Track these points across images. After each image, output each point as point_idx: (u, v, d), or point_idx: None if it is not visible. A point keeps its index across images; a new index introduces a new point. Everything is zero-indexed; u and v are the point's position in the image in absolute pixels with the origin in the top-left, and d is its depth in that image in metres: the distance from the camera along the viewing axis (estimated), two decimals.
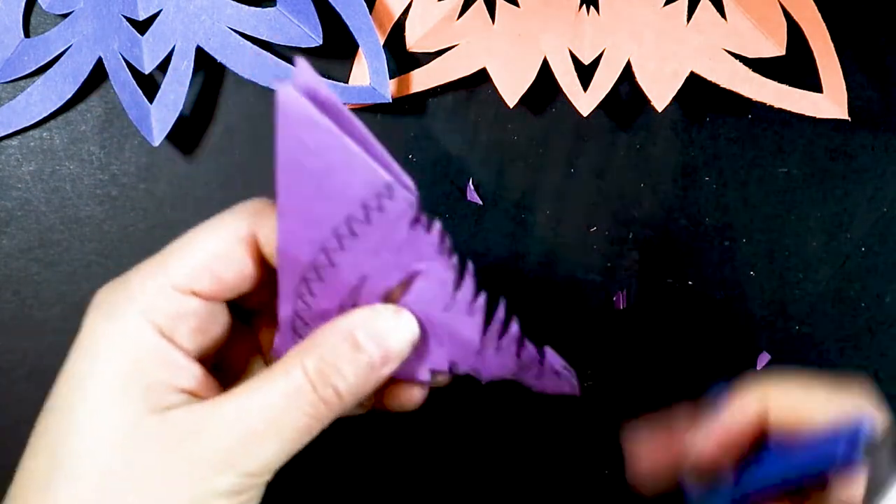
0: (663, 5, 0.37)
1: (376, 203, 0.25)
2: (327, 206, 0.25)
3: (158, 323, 0.26)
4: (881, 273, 0.39)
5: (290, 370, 0.25)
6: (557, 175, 0.39)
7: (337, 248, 0.25)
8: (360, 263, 0.26)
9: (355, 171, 0.24)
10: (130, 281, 0.27)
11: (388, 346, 0.26)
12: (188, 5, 0.37)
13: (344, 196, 0.25)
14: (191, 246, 0.27)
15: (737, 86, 0.37)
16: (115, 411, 0.25)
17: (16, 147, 0.39)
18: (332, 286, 0.26)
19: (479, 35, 0.37)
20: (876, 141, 0.39)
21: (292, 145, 0.24)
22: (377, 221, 0.25)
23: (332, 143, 0.24)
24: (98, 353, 0.26)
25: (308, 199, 0.25)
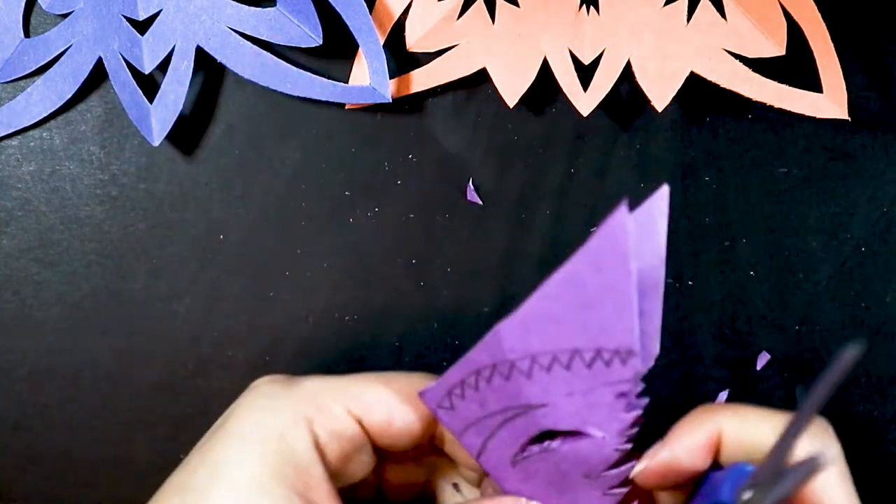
0: (663, 5, 0.37)
1: (608, 357, 0.25)
2: (568, 330, 0.25)
3: (317, 434, 0.26)
4: (881, 273, 0.39)
5: None
6: (557, 175, 0.39)
7: (544, 367, 0.25)
8: (550, 391, 0.26)
9: (615, 322, 0.24)
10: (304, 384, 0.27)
11: None
12: (188, 5, 0.37)
13: (587, 332, 0.24)
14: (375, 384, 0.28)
15: (737, 86, 0.37)
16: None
17: (16, 147, 0.39)
18: (511, 390, 0.26)
19: (479, 35, 0.37)
20: (876, 141, 0.39)
21: (589, 262, 0.23)
22: (596, 372, 0.25)
23: (622, 289, 0.24)
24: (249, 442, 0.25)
25: (557, 313, 0.24)
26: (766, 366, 0.39)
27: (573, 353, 0.25)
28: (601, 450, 0.27)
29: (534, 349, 0.25)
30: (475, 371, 0.26)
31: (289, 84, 0.37)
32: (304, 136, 0.39)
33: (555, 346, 0.25)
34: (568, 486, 0.27)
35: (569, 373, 0.25)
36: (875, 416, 0.39)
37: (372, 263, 0.39)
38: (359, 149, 0.39)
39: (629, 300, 0.24)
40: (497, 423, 0.27)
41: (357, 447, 0.27)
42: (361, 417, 0.27)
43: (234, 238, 0.39)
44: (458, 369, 0.26)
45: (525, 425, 0.27)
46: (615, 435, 0.26)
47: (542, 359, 0.25)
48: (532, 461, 0.27)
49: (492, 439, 0.27)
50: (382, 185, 0.39)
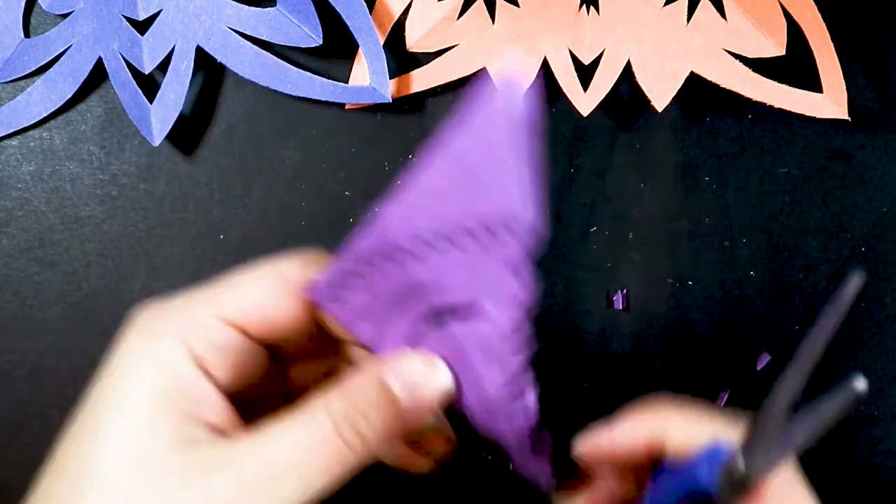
0: (663, 5, 0.37)
1: (496, 230, 0.24)
2: (454, 204, 0.24)
3: (197, 352, 0.25)
4: (881, 273, 0.39)
5: (316, 413, 0.25)
6: (557, 175, 0.39)
7: (433, 246, 0.25)
8: (440, 269, 0.25)
9: (502, 192, 0.24)
10: (176, 305, 0.26)
11: (420, 398, 0.26)
12: (188, 5, 0.37)
13: (475, 206, 0.24)
14: (245, 283, 0.27)
15: (737, 86, 0.37)
16: (140, 440, 0.24)
17: (16, 147, 0.39)
18: (401, 274, 0.25)
19: (479, 35, 0.37)
20: (876, 141, 0.39)
21: (471, 133, 0.23)
22: (485, 246, 0.25)
23: (504, 155, 0.23)
24: (131, 375, 0.25)
25: (443, 188, 0.24)
26: (766, 366, 0.39)
27: (461, 229, 0.24)
28: (495, 321, 0.26)
29: (421, 230, 0.25)
30: (361, 259, 0.25)
31: (289, 84, 0.37)
32: (304, 136, 0.39)
33: (442, 225, 0.24)
34: (466, 364, 0.27)
35: (458, 249, 0.25)
36: (875, 416, 0.39)
37: None
38: (359, 149, 0.39)
39: (513, 169, 0.24)
40: (389, 309, 0.26)
41: (243, 354, 0.27)
42: (237, 322, 0.26)
43: (234, 238, 0.39)
44: (343, 260, 0.26)
45: (418, 306, 0.26)
46: (507, 305, 0.26)
47: (430, 239, 0.25)
48: (428, 343, 0.27)
49: (385, 326, 0.26)
50: (382, 185, 0.39)
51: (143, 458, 0.24)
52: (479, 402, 0.27)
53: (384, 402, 0.25)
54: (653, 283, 0.39)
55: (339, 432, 0.25)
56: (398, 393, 0.25)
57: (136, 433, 0.24)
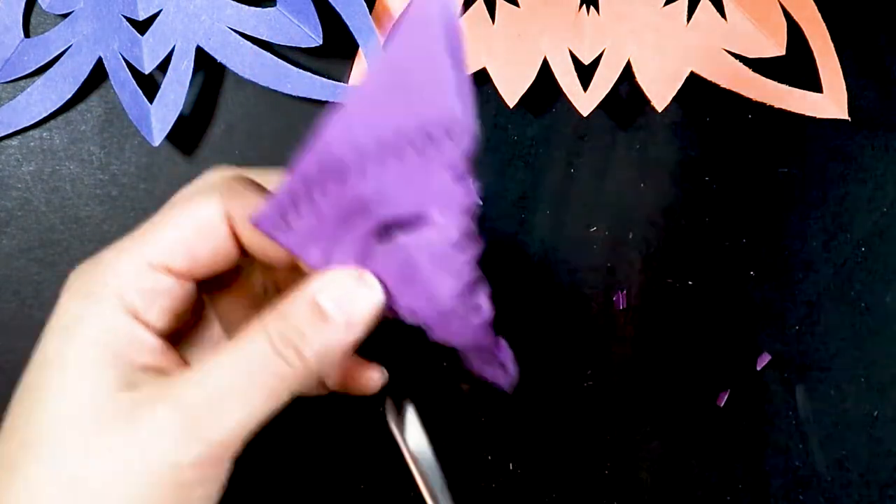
0: (663, 5, 0.37)
1: (438, 136, 0.24)
2: (394, 113, 0.24)
3: (132, 303, 0.26)
4: (881, 273, 0.39)
5: (254, 336, 0.25)
6: (557, 175, 0.39)
7: (377, 161, 0.25)
8: (384, 181, 0.25)
9: (440, 97, 0.24)
10: (104, 260, 0.27)
11: (352, 313, 0.26)
12: (188, 5, 0.37)
13: (414, 113, 0.24)
14: (166, 224, 0.27)
15: (737, 86, 0.37)
16: (84, 390, 0.25)
17: (16, 147, 0.39)
18: (347, 192, 0.25)
19: (479, 35, 0.37)
20: (876, 141, 0.39)
21: (405, 41, 0.23)
22: (428, 155, 0.25)
23: (440, 60, 0.23)
24: (70, 334, 0.26)
25: (382, 99, 0.24)
26: (767, 366, 0.39)
27: (402, 139, 0.24)
28: (445, 232, 0.26)
29: (363, 144, 0.24)
30: (306, 182, 0.25)
31: (289, 84, 0.37)
32: (304, 136, 0.39)
33: (382, 134, 0.24)
34: (418, 279, 0.27)
35: (399, 159, 0.25)
36: (875, 416, 0.39)
37: None
38: None
39: (448, 72, 0.23)
40: (337, 229, 0.26)
41: (173, 294, 0.27)
42: (164, 264, 0.27)
43: None
44: (287, 186, 0.26)
45: (365, 224, 0.26)
46: (455, 214, 0.26)
47: (372, 152, 0.25)
48: (378, 261, 0.27)
49: (335, 246, 0.27)
50: None
51: (86, 405, 0.25)
52: (433, 310, 0.28)
53: (318, 319, 0.26)
54: (653, 283, 0.39)
55: (278, 351, 0.25)
56: (329, 310, 0.26)
57: (78, 385, 0.25)
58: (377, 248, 0.27)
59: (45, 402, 0.25)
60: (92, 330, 0.26)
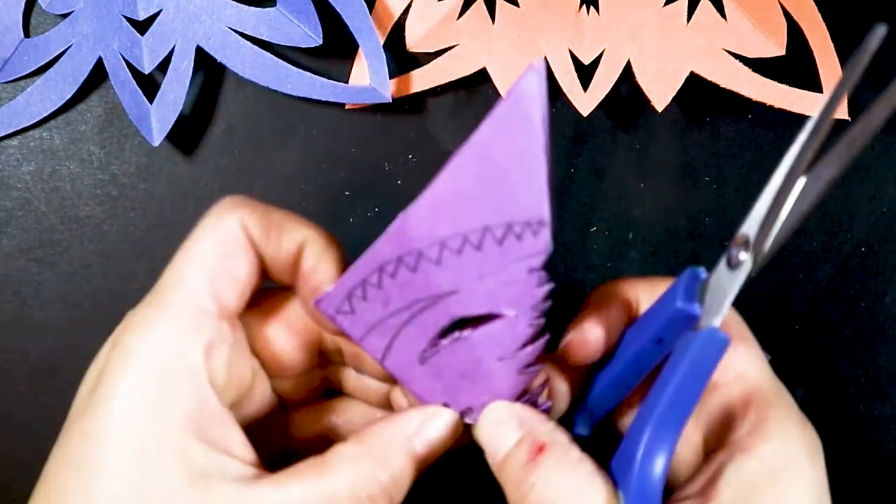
0: (663, 5, 0.37)
1: (520, 231, 0.24)
2: (476, 204, 0.24)
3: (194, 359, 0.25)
4: (881, 273, 0.39)
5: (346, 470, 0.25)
6: (557, 175, 0.39)
7: (454, 250, 0.24)
8: (461, 276, 0.25)
9: (526, 193, 0.23)
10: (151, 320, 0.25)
11: (439, 448, 0.26)
12: (188, 5, 0.37)
13: (497, 207, 0.24)
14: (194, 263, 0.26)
15: (737, 86, 0.37)
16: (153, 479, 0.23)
17: (16, 147, 0.39)
18: (419, 282, 0.25)
19: (479, 35, 0.37)
20: (876, 141, 0.39)
21: (497, 133, 0.23)
22: (507, 248, 0.24)
23: (536, 157, 0.23)
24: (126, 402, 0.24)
25: (464, 187, 0.23)
26: None
27: (484, 230, 0.24)
28: (515, 328, 0.26)
29: (442, 233, 0.24)
30: (378, 268, 0.25)
31: (289, 84, 0.37)
32: (304, 136, 0.39)
33: (464, 227, 0.24)
34: (481, 375, 0.26)
35: (480, 253, 0.24)
36: (875, 416, 0.39)
37: None
38: (359, 149, 0.39)
39: (540, 168, 0.23)
40: (403, 320, 0.26)
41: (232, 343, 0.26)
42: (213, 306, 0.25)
43: None
44: (358, 269, 0.25)
45: (434, 317, 0.25)
46: (528, 311, 0.26)
47: (451, 242, 0.24)
48: (442, 355, 0.26)
49: (397, 338, 0.26)
50: (382, 185, 0.39)
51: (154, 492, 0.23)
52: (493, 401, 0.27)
53: (413, 466, 0.26)
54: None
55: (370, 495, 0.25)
56: (425, 456, 0.26)
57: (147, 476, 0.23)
58: (443, 341, 0.26)
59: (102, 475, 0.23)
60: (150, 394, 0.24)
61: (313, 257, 0.26)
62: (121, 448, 0.23)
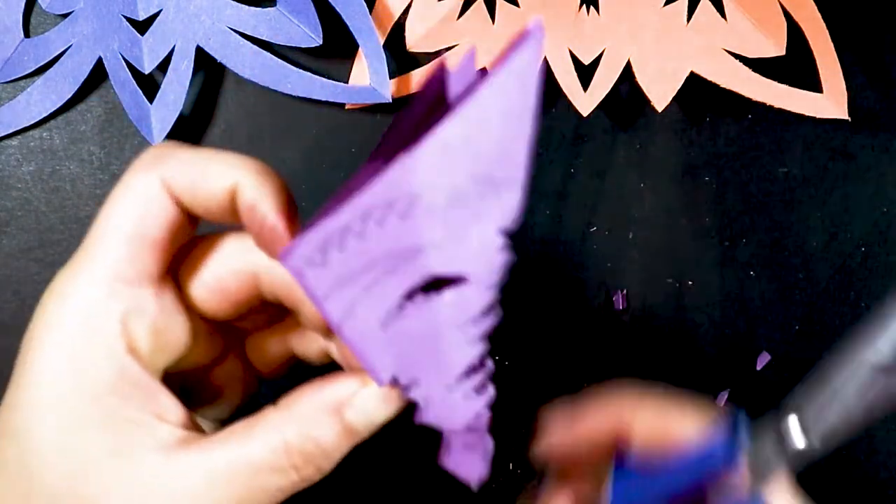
0: (663, 5, 0.37)
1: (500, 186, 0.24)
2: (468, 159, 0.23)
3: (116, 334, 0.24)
4: (881, 273, 0.39)
5: (270, 438, 0.24)
6: (557, 175, 0.39)
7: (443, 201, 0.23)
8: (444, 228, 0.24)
9: (516, 150, 0.24)
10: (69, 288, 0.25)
11: (375, 420, 0.25)
12: (188, 5, 0.37)
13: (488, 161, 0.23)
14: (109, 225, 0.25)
15: (737, 86, 0.37)
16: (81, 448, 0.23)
17: (16, 147, 0.39)
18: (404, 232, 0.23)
19: (479, 35, 0.37)
20: (876, 141, 0.39)
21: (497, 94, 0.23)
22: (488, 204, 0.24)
23: (527, 116, 0.23)
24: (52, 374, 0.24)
25: (465, 144, 0.23)
26: (766, 366, 0.39)
27: (475, 181, 0.23)
28: (478, 294, 0.25)
29: (441, 179, 0.23)
30: (364, 214, 0.23)
31: (289, 84, 0.37)
32: (304, 136, 0.39)
33: (455, 177, 0.23)
34: (436, 348, 0.26)
35: (466, 205, 0.24)
36: None
37: None
38: (359, 149, 0.39)
39: (528, 128, 0.23)
40: (374, 277, 0.24)
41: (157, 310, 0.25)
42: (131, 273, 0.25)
43: None
44: (343, 213, 0.23)
45: (409, 274, 0.24)
46: (488, 277, 0.25)
47: (442, 190, 0.23)
48: (406, 320, 0.25)
49: (366, 296, 0.25)
50: None
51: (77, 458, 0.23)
52: (439, 382, 0.27)
53: (343, 436, 0.25)
54: (653, 283, 0.39)
55: (294, 464, 0.24)
56: (358, 427, 0.25)
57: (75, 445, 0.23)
58: (408, 304, 0.25)
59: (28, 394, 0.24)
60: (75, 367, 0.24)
61: (249, 196, 0.25)
62: (44, 419, 0.24)
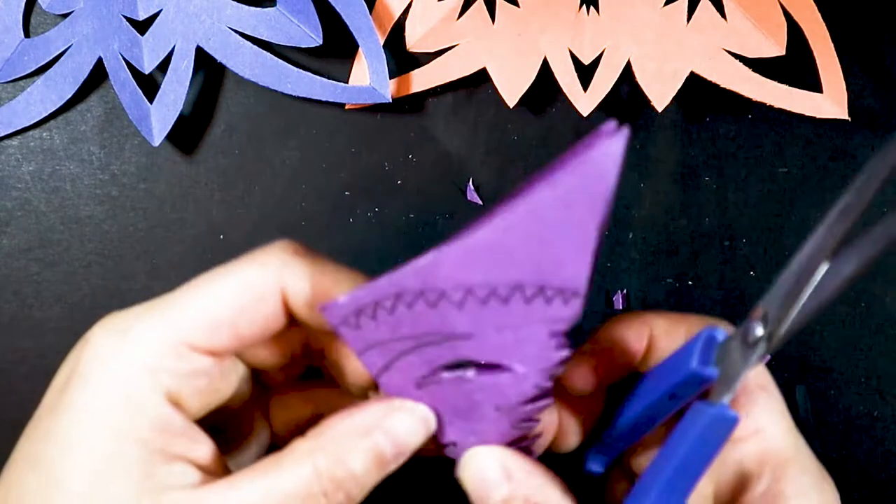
0: (663, 5, 0.37)
1: (551, 295, 0.23)
2: (515, 263, 0.23)
3: (166, 384, 0.24)
4: (881, 273, 0.39)
5: (298, 467, 0.24)
6: None
7: (479, 299, 0.24)
8: (479, 324, 0.24)
9: (569, 262, 0.23)
10: (134, 330, 0.24)
11: (402, 443, 0.25)
12: (188, 5, 0.37)
13: (536, 269, 0.23)
14: (209, 296, 0.25)
15: (737, 86, 0.37)
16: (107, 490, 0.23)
17: (16, 147, 0.39)
18: (434, 319, 0.24)
19: (479, 35, 0.37)
20: (876, 141, 0.39)
21: (556, 191, 0.22)
22: (534, 308, 0.24)
23: (589, 229, 0.22)
24: (96, 416, 0.23)
25: (508, 245, 0.23)
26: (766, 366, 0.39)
27: (514, 286, 0.23)
28: (521, 385, 0.25)
29: (472, 280, 0.23)
30: (395, 295, 0.24)
31: (289, 84, 0.37)
32: (304, 136, 0.39)
33: (496, 279, 0.23)
34: (474, 416, 0.26)
35: (505, 307, 0.24)
36: (875, 416, 0.39)
37: (372, 263, 0.39)
38: (359, 149, 0.39)
39: (591, 241, 0.23)
40: (407, 347, 0.25)
41: (216, 375, 0.25)
42: (207, 346, 0.24)
43: (234, 238, 0.39)
44: (374, 289, 0.24)
45: (441, 353, 0.25)
46: (539, 372, 0.25)
47: (478, 290, 0.23)
48: (441, 387, 0.26)
49: (399, 361, 0.25)
50: (382, 185, 0.39)
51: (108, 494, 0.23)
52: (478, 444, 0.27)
53: (376, 464, 0.25)
54: (653, 283, 0.39)
55: (324, 490, 0.24)
56: (387, 452, 0.25)
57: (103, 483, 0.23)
58: (444, 375, 0.25)
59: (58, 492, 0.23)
60: (120, 409, 0.23)
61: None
62: (79, 453, 0.23)
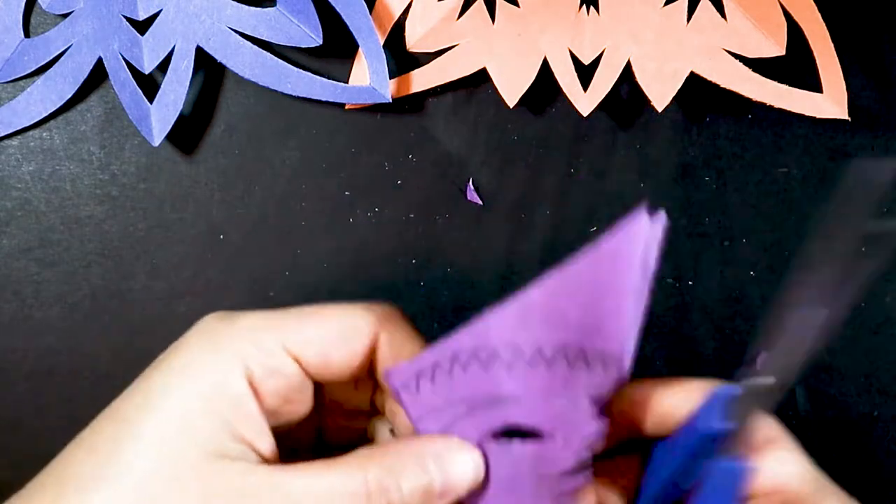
0: (663, 5, 0.37)
1: (591, 358, 0.24)
2: (562, 325, 0.24)
3: (252, 372, 0.26)
4: (881, 273, 0.39)
5: (350, 472, 0.25)
6: (557, 175, 0.39)
7: (527, 360, 0.25)
8: (526, 385, 0.25)
9: (615, 330, 0.24)
10: (243, 323, 0.27)
11: (452, 480, 0.26)
12: (188, 5, 0.37)
13: (579, 329, 0.24)
14: (316, 317, 0.27)
15: (737, 86, 0.37)
16: (176, 442, 0.25)
17: (16, 147, 0.39)
18: (486, 380, 0.25)
19: (479, 35, 0.37)
20: (876, 141, 0.39)
21: (603, 260, 0.24)
22: (575, 373, 0.25)
23: (630, 298, 0.24)
24: (182, 377, 0.26)
25: (557, 306, 0.24)
26: None
27: (559, 348, 0.25)
28: (561, 455, 0.26)
29: (521, 340, 0.25)
30: (452, 356, 0.26)
31: (289, 84, 0.37)
32: (304, 136, 0.39)
33: (542, 339, 0.24)
34: (518, 484, 0.27)
35: (549, 369, 0.25)
36: (875, 416, 0.39)
37: (372, 263, 0.39)
38: (359, 149, 0.39)
39: (632, 307, 0.24)
40: (461, 412, 0.26)
41: (293, 386, 0.27)
42: (298, 355, 0.27)
43: (234, 238, 0.39)
44: (434, 352, 0.26)
45: (490, 418, 0.26)
46: (579, 440, 0.26)
47: (526, 349, 0.25)
48: (491, 455, 0.27)
49: (452, 427, 0.27)
50: (382, 185, 0.39)
51: (173, 460, 0.24)
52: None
53: (421, 483, 0.26)
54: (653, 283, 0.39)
55: (369, 497, 0.25)
56: (435, 479, 0.26)
57: (174, 433, 0.25)
58: (490, 444, 0.26)
59: (134, 441, 0.25)
60: (205, 381, 0.26)
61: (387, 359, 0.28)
62: (159, 408, 0.25)
